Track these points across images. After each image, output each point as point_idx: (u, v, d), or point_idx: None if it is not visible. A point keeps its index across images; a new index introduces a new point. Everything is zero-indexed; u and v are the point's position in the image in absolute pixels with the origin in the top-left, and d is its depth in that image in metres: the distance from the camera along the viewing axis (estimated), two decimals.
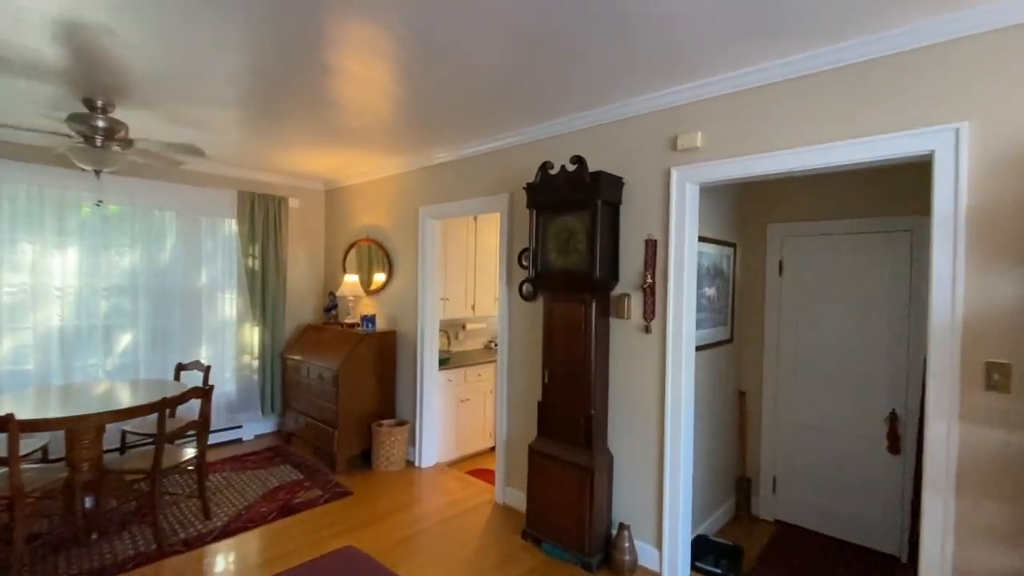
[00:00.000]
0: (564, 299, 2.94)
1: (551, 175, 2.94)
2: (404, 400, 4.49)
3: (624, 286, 2.93)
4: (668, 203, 2.73)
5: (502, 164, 3.61)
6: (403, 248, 4.50)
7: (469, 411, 4.71)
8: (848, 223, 3.46)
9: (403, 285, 4.50)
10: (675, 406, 2.71)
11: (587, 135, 3.10)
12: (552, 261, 3.00)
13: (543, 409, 3.06)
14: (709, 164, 2.58)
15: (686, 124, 2.67)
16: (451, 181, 4.01)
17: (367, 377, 4.32)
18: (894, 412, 3.29)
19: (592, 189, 2.74)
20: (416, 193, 4.35)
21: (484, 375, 4.85)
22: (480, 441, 4.84)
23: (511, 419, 3.56)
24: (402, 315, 4.51)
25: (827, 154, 2.23)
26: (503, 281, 3.58)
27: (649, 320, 2.81)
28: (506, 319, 3.57)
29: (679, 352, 2.70)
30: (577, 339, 2.88)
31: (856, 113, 2.16)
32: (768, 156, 2.38)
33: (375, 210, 4.81)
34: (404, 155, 4.21)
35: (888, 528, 3.31)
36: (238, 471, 4.14)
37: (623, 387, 2.94)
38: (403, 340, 4.49)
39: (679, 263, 2.69)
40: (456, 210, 3.98)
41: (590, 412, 2.84)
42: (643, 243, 2.85)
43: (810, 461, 3.61)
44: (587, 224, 2.81)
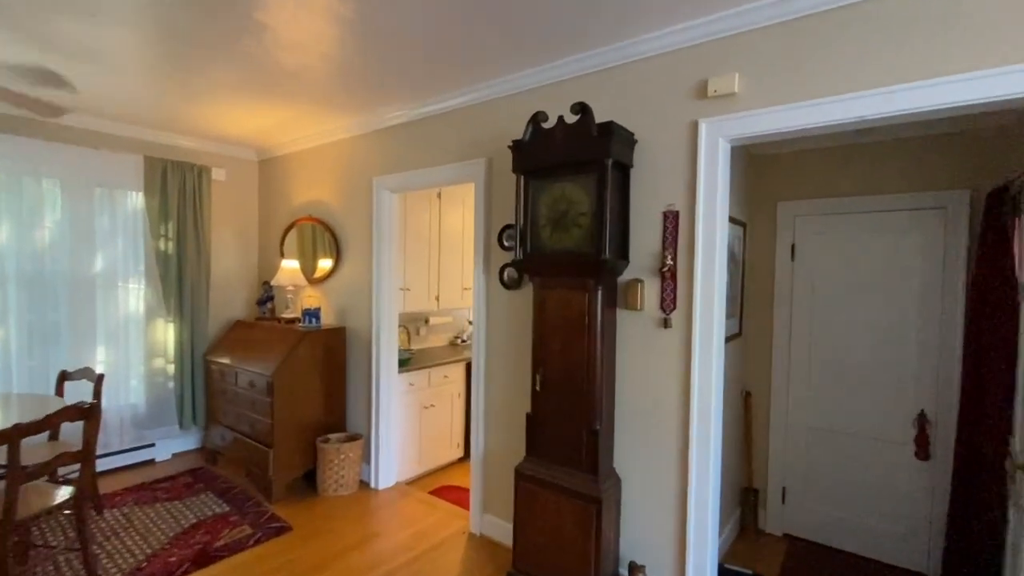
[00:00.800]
0: (561, 286, 2.34)
1: (545, 129, 2.32)
2: (356, 410, 3.77)
3: (635, 270, 2.36)
4: (695, 165, 2.17)
5: (477, 122, 2.95)
6: (354, 228, 3.77)
7: (434, 418, 4.06)
8: (870, 200, 3.04)
9: (354, 273, 3.77)
10: (703, 418, 2.18)
11: (587, 83, 2.50)
12: (546, 239, 2.39)
13: (534, 423, 2.46)
14: (748, 115, 2.04)
15: (718, 64, 2.12)
16: (412, 145, 3.32)
17: (310, 383, 3.58)
18: (923, 413, 2.92)
19: (600, 145, 2.15)
20: (369, 161, 3.62)
21: (451, 376, 4.20)
22: (446, 452, 4.20)
23: (489, 433, 2.95)
24: (353, 308, 3.78)
25: (910, 97, 1.72)
26: (479, 266, 2.94)
27: (668, 311, 2.26)
28: (482, 312, 2.94)
29: (708, 351, 2.16)
30: (578, 336, 2.30)
31: (947, 44, 1.66)
32: (826, 103, 1.86)
33: (319, 183, 4.03)
34: (353, 114, 3.47)
35: (914, 542, 2.95)
36: (145, 504, 3.31)
37: (634, 394, 2.38)
38: (355, 338, 3.77)
39: (709, 240, 2.15)
40: (419, 180, 3.29)
41: (595, 427, 2.27)
42: (660, 216, 2.29)
43: (825, 469, 3.21)
44: (593, 191, 2.22)
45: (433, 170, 3.18)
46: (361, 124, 3.58)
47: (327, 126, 3.75)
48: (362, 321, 3.70)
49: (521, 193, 2.42)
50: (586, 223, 2.26)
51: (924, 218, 2.91)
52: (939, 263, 2.86)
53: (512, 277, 2.79)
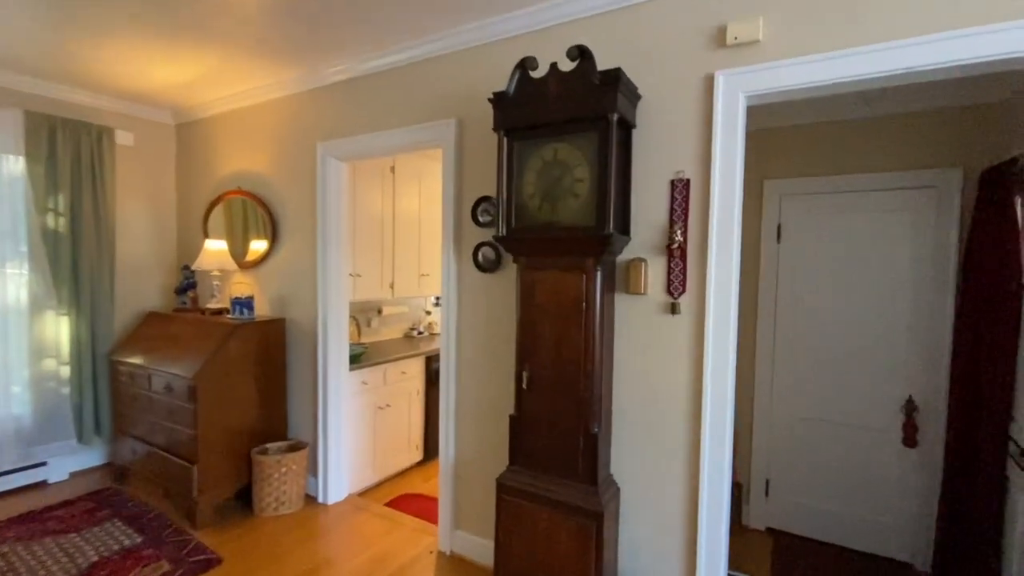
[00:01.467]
0: (554, 267, 1.99)
1: (535, 79, 1.95)
2: (300, 414, 3.27)
3: (636, 248, 2.05)
4: (711, 125, 1.87)
5: (444, 76, 2.53)
6: (294, 203, 3.23)
7: (390, 419, 3.62)
8: (858, 179, 2.90)
9: (295, 256, 3.24)
10: (717, 416, 1.91)
11: (580, 30, 2.14)
12: (534, 212, 2.02)
13: (519, 427, 2.11)
14: (774, 66, 1.76)
15: (739, 6, 1.82)
16: (365, 104, 2.83)
17: (243, 385, 3.04)
18: (911, 399, 2.83)
19: (604, 97, 1.80)
20: (312, 124, 3.09)
21: (409, 372, 3.77)
22: (404, 456, 3.78)
23: (461, 438, 2.56)
24: (294, 297, 3.25)
25: (968, 45, 1.50)
26: (448, 246, 2.53)
27: (677, 295, 1.96)
28: (453, 300, 2.54)
29: (725, 341, 1.89)
30: (574, 325, 1.96)
31: None
32: (871, 51, 1.61)
33: (251, 150, 3.44)
34: (293, 66, 2.93)
35: (903, 532, 2.86)
36: (31, 540, 2.67)
37: (634, 390, 2.08)
38: (296, 331, 3.25)
39: (726, 212, 1.87)
40: (374, 146, 2.81)
41: (593, 430, 1.95)
42: (667, 185, 1.98)
43: (809, 459, 3.08)
44: (593, 154, 1.87)
45: (391, 134, 2.71)
46: (303, 79, 3.04)
47: (260, 81, 3.17)
48: (305, 312, 3.19)
49: (504, 157, 2.04)
50: (584, 192, 1.91)
51: (914, 198, 2.80)
52: (929, 244, 2.76)
53: (489, 258, 2.40)
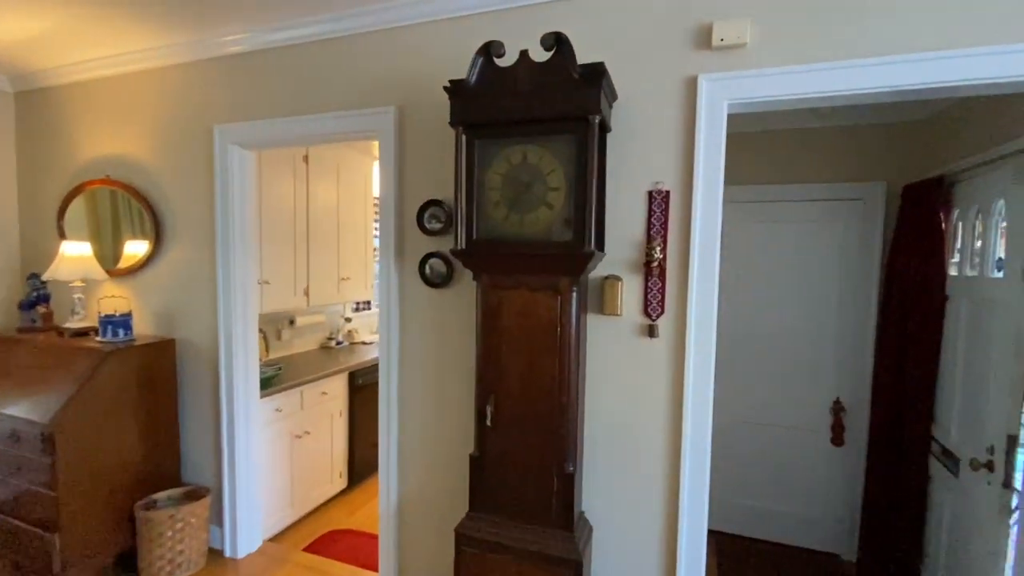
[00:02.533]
0: (523, 287, 1.74)
1: (501, 68, 1.67)
2: (198, 453, 2.72)
3: (611, 265, 1.86)
4: (693, 133, 1.72)
5: (382, 55, 2.15)
6: (184, 197, 2.65)
7: (310, 448, 3.16)
8: (793, 189, 2.99)
9: (187, 261, 2.66)
10: (698, 448, 1.79)
11: (546, 14, 1.89)
12: (499, 222, 1.75)
13: (482, 468, 1.84)
14: (761, 73, 1.64)
15: (725, 5, 1.68)
16: (279, 82, 2.36)
17: (120, 427, 2.44)
18: (838, 401, 2.98)
19: (585, 94, 1.57)
20: (208, 102, 2.53)
21: (330, 391, 3.33)
22: (327, 486, 3.34)
23: (407, 478, 2.24)
24: (186, 312, 2.68)
25: (963, 66, 1.47)
26: (388, 255, 2.18)
27: (655, 317, 1.81)
28: (394, 319, 2.19)
29: (706, 367, 1.77)
30: (546, 352, 1.73)
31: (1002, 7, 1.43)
32: (867, 65, 1.54)
33: (125, 130, 2.77)
34: (183, 28, 2.36)
35: (832, 526, 3.02)
36: None
37: (608, 421, 1.90)
38: (191, 354, 2.68)
39: (709, 227, 1.73)
40: (291, 133, 2.35)
41: (568, 469, 1.74)
42: (645, 196, 1.81)
43: (743, 460, 3.15)
44: (570, 160, 1.64)
45: (315, 120, 2.27)
46: (195, 46, 2.47)
47: (136, 43, 2.54)
48: (202, 330, 2.64)
49: (463, 157, 1.74)
50: (559, 203, 1.67)
51: (843, 209, 2.92)
52: (856, 254, 2.90)
53: (439, 271, 2.09)
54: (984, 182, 2.11)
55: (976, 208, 2.18)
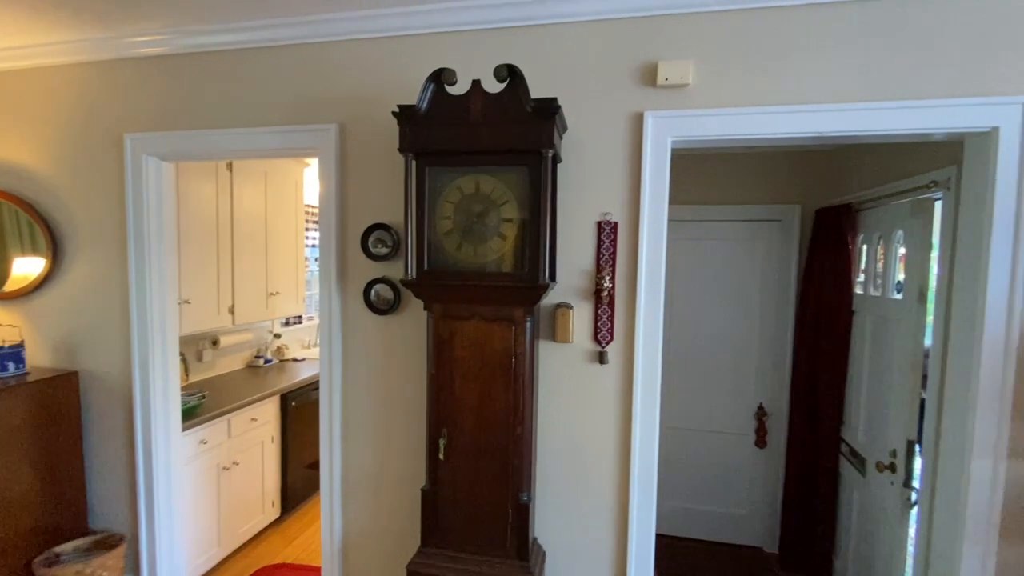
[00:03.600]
0: (477, 317, 1.71)
1: (454, 96, 1.63)
2: (109, 497, 2.44)
3: (562, 293, 1.88)
4: (639, 167, 1.78)
5: (323, 69, 2.03)
6: (89, 210, 2.36)
7: (239, 480, 2.95)
8: (720, 209, 3.19)
9: (92, 282, 2.38)
10: (646, 470, 1.86)
11: (496, 41, 1.87)
12: (451, 252, 1.72)
13: (435, 501, 1.80)
14: (702, 113, 1.73)
15: (669, 46, 1.75)
16: (205, 91, 2.16)
17: (11, 475, 2.14)
18: (762, 406, 3.22)
19: (538, 128, 1.58)
20: (118, 108, 2.27)
21: (261, 416, 3.12)
22: (258, 517, 3.14)
23: (351, 511, 2.13)
24: (93, 339, 2.40)
25: (870, 118, 1.63)
26: (330, 280, 2.07)
27: (605, 344, 1.85)
28: (336, 347, 2.08)
29: (652, 391, 1.84)
30: (500, 382, 1.72)
31: (910, 65, 1.60)
32: (789, 112, 1.67)
33: (13, 132, 2.43)
34: (82, 24, 2.11)
35: (756, 522, 3.26)
36: None
37: (559, 447, 1.93)
38: (98, 388, 2.40)
39: (654, 257, 1.80)
40: (217, 146, 2.16)
41: (523, 499, 1.74)
42: (594, 227, 1.84)
43: (673, 465, 3.32)
44: (523, 190, 1.64)
45: (247, 133, 2.11)
46: (104, 44, 2.21)
47: (29, 36, 2.23)
48: (111, 359, 2.37)
49: (413, 184, 1.69)
50: (512, 233, 1.67)
51: (764, 229, 3.16)
52: (775, 271, 3.15)
53: (386, 298, 2.01)
54: (885, 212, 2.36)
55: (878, 235, 2.43)
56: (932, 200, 1.99)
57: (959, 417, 1.69)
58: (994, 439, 1.62)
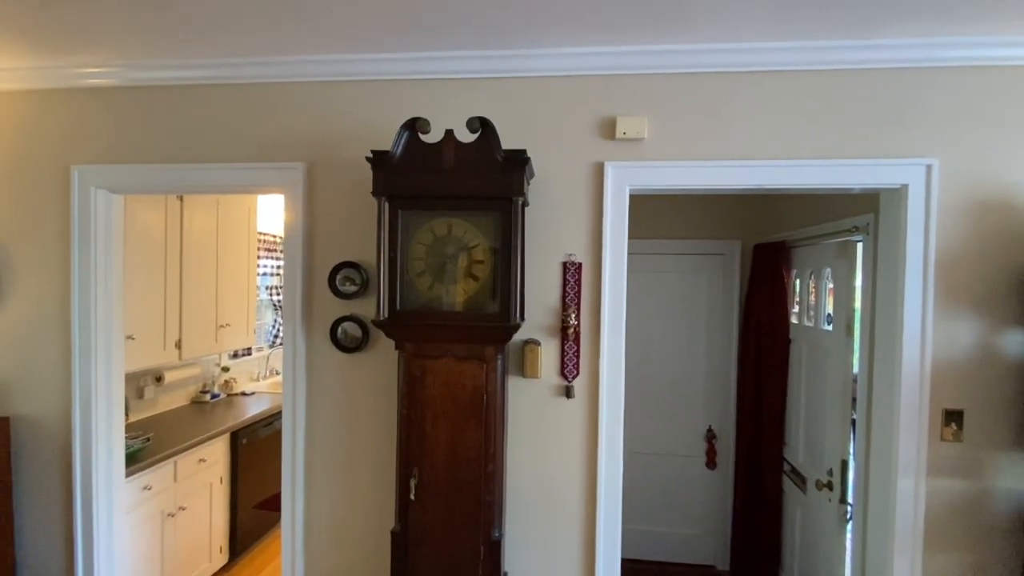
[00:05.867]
0: (448, 356, 1.75)
1: (427, 144, 1.70)
2: (40, 554, 2.23)
3: (530, 329, 1.96)
4: (601, 212, 1.91)
5: (290, 108, 2.04)
6: (27, 245, 2.22)
7: (184, 526, 2.78)
8: (667, 243, 3.40)
9: (28, 320, 2.22)
10: (611, 500, 1.94)
11: (468, 90, 1.96)
12: (423, 292, 1.76)
13: (405, 544, 1.79)
14: (655, 165, 1.89)
15: (628, 103, 1.90)
16: (160, 124, 2.11)
17: None
18: (711, 429, 3.40)
19: (508, 178, 1.67)
20: (63, 138, 2.17)
21: (210, 456, 2.97)
22: (205, 566, 2.96)
23: (314, 560, 2.07)
24: (26, 382, 2.22)
25: (801, 173, 1.84)
26: (295, 319, 2.04)
27: (571, 378, 1.94)
28: (300, 388, 2.05)
29: (616, 423, 1.93)
30: (471, 420, 1.75)
31: (835, 129, 1.82)
32: (731, 166, 1.85)
33: None
34: (40, 50, 2.02)
35: (708, 541, 3.41)
36: None
37: (527, 481, 1.97)
38: (29, 435, 2.22)
39: (616, 294, 1.92)
40: (174, 181, 2.11)
41: (495, 536, 1.77)
42: (559, 267, 1.94)
43: (633, 489, 3.41)
44: (494, 233, 1.72)
45: (208, 169, 2.07)
46: (54, 73, 2.12)
47: None
48: (47, 403, 2.20)
49: (386, 226, 1.73)
50: (484, 275, 1.74)
51: (707, 263, 3.39)
52: (719, 302, 3.37)
53: (354, 336, 2.01)
54: (816, 250, 2.61)
55: (810, 270, 2.68)
56: (854, 242, 2.24)
57: (885, 437, 1.89)
58: (915, 457, 1.81)
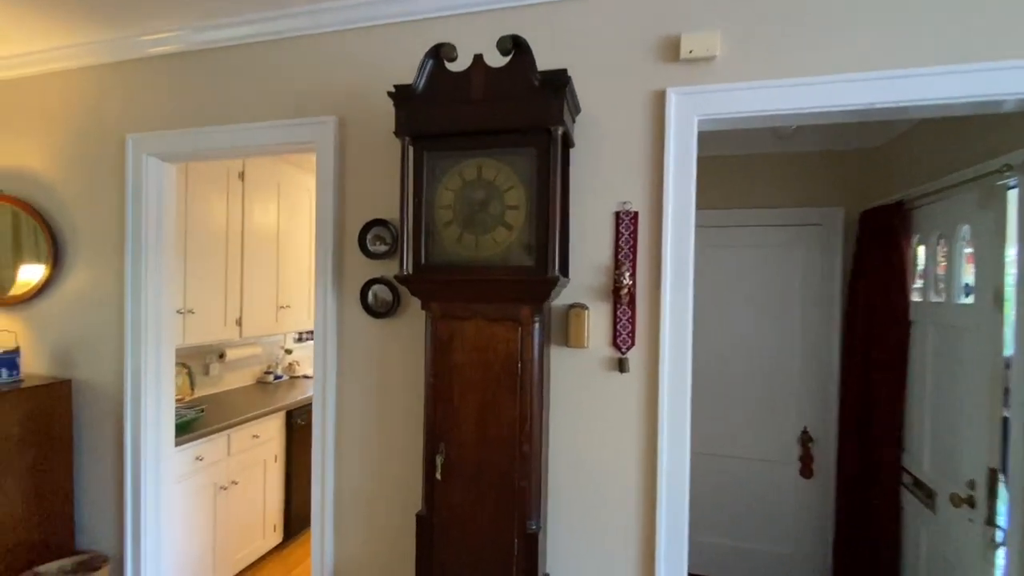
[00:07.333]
0: (478, 317, 1.53)
1: (454, 73, 1.49)
2: (98, 514, 2.30)
3: (575, 292, 1.68)
4: (662, 150, 1.59)
5: (323, 61, 1.94)
6: (89, 215, 2.31)
7: (237, 501, 2.78)
8: (753, 213, 2.95)
9: (90, 288, 2.30)
10: (675, 496, 1.61)
11: (505, 19, 1.74)
12: (451, 244, 1.55)
13: (431, 529, 1.59)
14: (731, 88, 1.54)
15: (693, 16, 1.58)
16: (204, 88, 2.10)
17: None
18: (806, 431, 2.89)
19: (547, 103, 1.41)
20: (119, 109, 2.23)
21: (264, 433, 2.97)
22: (259, 542, 2.95)
23: (345, 537, 1.93)
24: (88, 347, 2.31)
25: (929, 85, 1.41)
26: (326, 281, 1.92)
27: (625, 349, 1.63)
28: (331, 354, 1.92)
29: (682, 404, 1.60)
30: (505, 391, 1.51)
31: (978, 25, 1.38)
32: (831, 81, 1.46)
33: (21, 139, 2.42)
34: (92, 26, 2.08)
35: (803, 562, 2.89)
36: None
37: (573, 467, 1.69)
38: (91, 397, 2.30)
39: (681, 250, 1.59)
40: (218, 143, 2.08)
41: (531, 528, 1.51)
42: (611, 218, 1.65)
43: (708, 497, 2.99)
44: (530, 174, 1.47)
45: (245, 129, 2.02)
46: (108, 47, 2.18)
47: (40, 43, 2.22)
48: (105, 368, 2.27)
49: (409, 171, 1.54)
50: (519, 222, 1.49)
51: (802, 234, 2.89)
52: (816, 279, 2.86)
53: (384, 299, 1.85)
54: (946, 207, 2.09)
55: (938, 233, 2.15)
56: (1004, 187, 1.73)
57: None
58: None
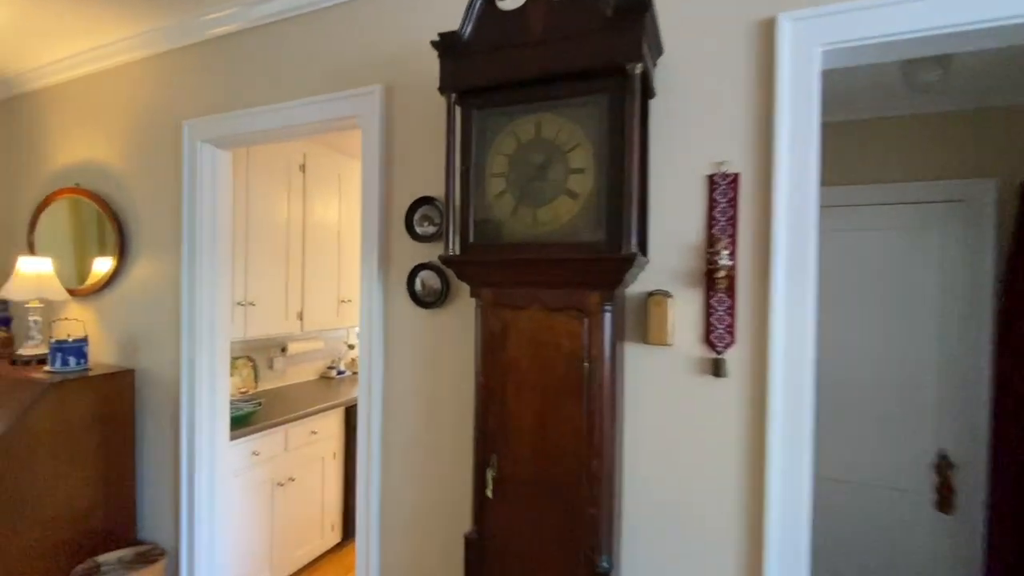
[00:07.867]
0: (536, 305, 1.27)
1: (505, 13, 1.24)
2: (156, 505, 2.30)
3: (656, 276, 1.37)
4: (771, 92, 1.24)
5: (367, 23, 1.76)
6: (151, 205, 2.30)
7: (294, 498, 2.71)
8: (874, 190, 2.45)
9: (152, 279, 2.30)
10: (791, 538, 1.25)
11: None
12: (505, 218, 1.30)
13: (482, 554, 1.34)
14: (867, 4, 1.16)
15: None
16: (252, 67, 2.00)
17: (60, 473, 2.04)
18: (944, 455, 2.35)
19: (621, 36, 1.12)
20: (176, 95, 2.20)
21: (322, 430, 2.88)
22: (316, 542, 2.88)
23: (392, 546, 1.74)
24: (150, 337, 2.30)
25: None
26: (371, 267, 1.74)
27: (722, 348, 1.30)
28: (377, 347, 1.73)
29: (798, 418, 1.24)
30: (568, 395, 1.24)
31: None
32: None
33: (95, 132, 2.48)
34: (156, 11, 2.05)
35: None
36: None
37: (657, 497, 1.38)
38: (152, 386, 2.29)
39: (800, 221, 1.23)
40: (263, 124, 1.97)
41: (601, 566, 1.22)
42: (703, 182, 1.33)
43: (825, 527, 2.51)
44: (600, 128, 1.18)
45: (285, 107, 1.89)
46: (169, 32, 2.16)
47: (110, 33, 2.25)
48: (164, 358, 2.25)
49: (456, 134, 1.31)
50: (585, 189, 1.21)
51: (939, 213, 2.35)
52: (959, 268, 2.32)
53: (432, 287, 1.64)
54: None
55: None
56: None
57: None
58: None
